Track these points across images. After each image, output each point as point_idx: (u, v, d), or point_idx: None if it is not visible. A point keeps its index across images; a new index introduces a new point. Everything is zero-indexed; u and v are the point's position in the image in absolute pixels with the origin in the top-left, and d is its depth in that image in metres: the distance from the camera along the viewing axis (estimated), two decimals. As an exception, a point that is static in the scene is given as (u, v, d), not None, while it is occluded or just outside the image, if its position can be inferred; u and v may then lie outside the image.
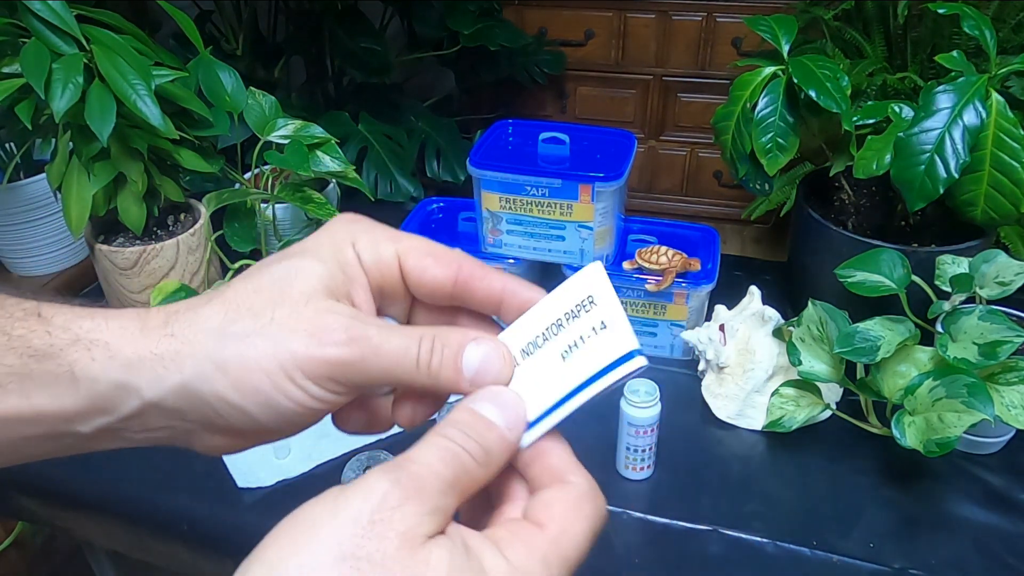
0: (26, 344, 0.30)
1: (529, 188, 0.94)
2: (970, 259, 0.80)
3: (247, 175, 1.08)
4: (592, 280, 0.32)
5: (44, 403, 0.30)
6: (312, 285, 0.31)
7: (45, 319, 0.31)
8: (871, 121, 0.87)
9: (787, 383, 0.81)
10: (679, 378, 0.93)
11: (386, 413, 0.35)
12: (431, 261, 0.33)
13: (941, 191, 0.78)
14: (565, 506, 0.28)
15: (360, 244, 0.33)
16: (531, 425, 0.31)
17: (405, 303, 0.35)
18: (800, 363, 0.78)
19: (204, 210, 1.00)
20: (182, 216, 1.03)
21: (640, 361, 0.30)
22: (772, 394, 0.81)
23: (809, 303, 0.79)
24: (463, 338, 0.31)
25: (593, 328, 0.31)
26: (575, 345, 0.31)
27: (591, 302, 0.32)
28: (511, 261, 1.00)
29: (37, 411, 0.30)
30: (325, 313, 0.30)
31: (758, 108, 0.88)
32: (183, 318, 0.31)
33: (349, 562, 0.24)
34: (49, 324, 0.31)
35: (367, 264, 0.33)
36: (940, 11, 0.84)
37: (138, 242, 0.97)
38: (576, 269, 1.10)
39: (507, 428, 0.29)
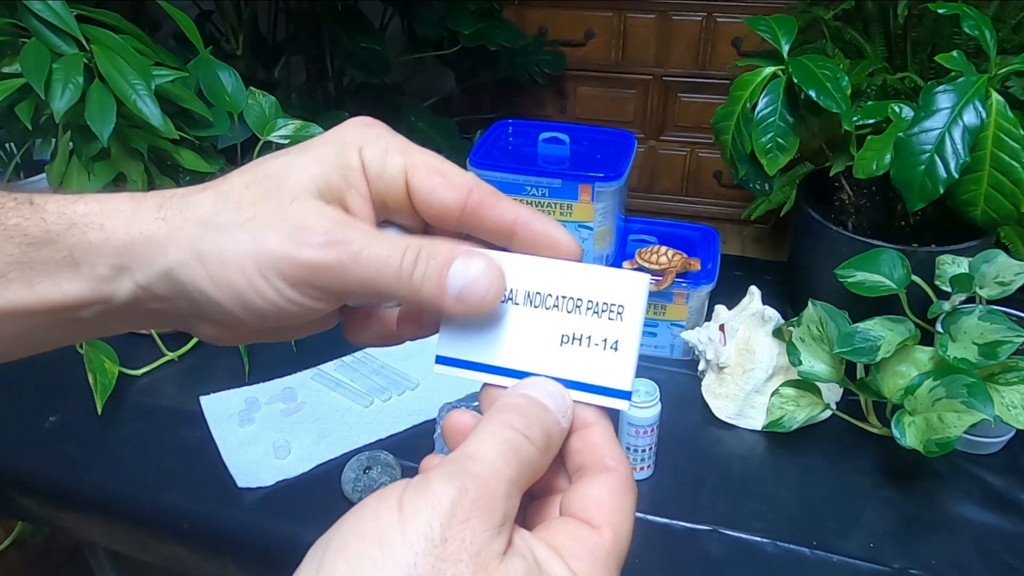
0: (23, 232, 0.29)
1: (529, 188, 0.94)
2: (970, 259, 0.80)
3: (247, 175, 1.08)
4: (633, 291, 0.30)
5: (47, 291, 0.29)
6: (302, 184, 0.30)
7: (38, 207, 0.30)
8: (871, 121, 0.87)
9: (787, 383, 0.81)
10: (679, 378, 0.93)
11: (394, 327, 0.34)
12: (440, 180, 0.31)
13: (941, 191, 0.78)
14: (614, 503, 0.28)
15: (368, 151, 0.31)
16: (500, 372, 0.30)
17: (414, 218, 0.32)
18: (800, 363, 0.78)
19: (204, 210, 1.00)
20: (182, 216, 1.03)
21: (624, 405, 0.30)
22: (772, 394, 0.81)
23: (809, 303, 0.79)
24: (452, 252, 0.29)
25: (605, 340, 0.30)
26: (579, 340, 0.30)
27: (619, 313, 0.30)
28: (511, 261, 1.00)
29: (41, 300, 0.30)
30: (309, 213, 0.29)
31: (758, 108, 0.88)
32: (175, 203, 0.30)
33: None
34: (43, 211, 0.30)
35: (371, 173, 0.31)
36: (940, 11, 0.84)
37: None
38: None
39: (561, 415, 0.29)
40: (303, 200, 0.29)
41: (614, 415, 0.78)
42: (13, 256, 0.29)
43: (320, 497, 0.78)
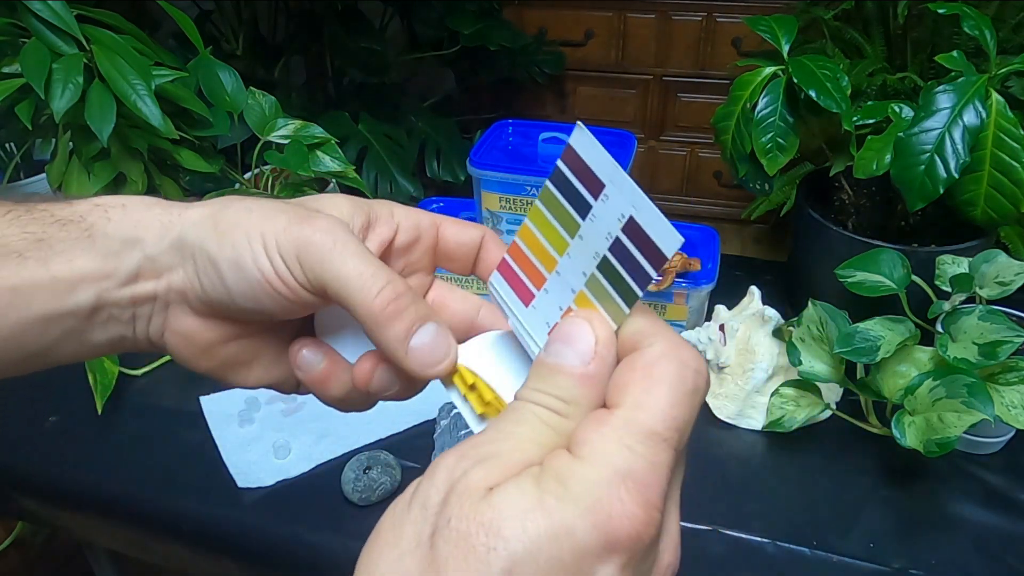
0: (50, 214, 0.32)
1: (529, 188, 0.94)
2: (970, 259, 0.80)
3: (247, 175, 1.08)
4: (586, 152, 0.27)
5: (59, 268, 0.31)
6: (330, 207, 0.33)
7: (70, 198, 0.33)
8: (871, 121, 0.87)
9: (787, 383, 0.81)
10: (679, 378, 0.93)
11: (365, 378, 0.34)
12: (464, 226, 0.36)
13: (941, 191, 0.78)
14: (636, 375, 0.25)
15: (400, 210, 0.35)
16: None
17: (427, 278, 0.37)
18: (800, 363, 0.78)
19: (204, 210, 1.00)
20: (182, 216, 1.03)
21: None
22: (772, 394, 0.81)
23: (809, 303, 0.79)
24: (431, 315, 0.31)
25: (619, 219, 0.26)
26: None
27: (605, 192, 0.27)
28: (511, 261, 1.00)
29: (52, 277, 0.31)
30: (324, 215, 0.32)
31: (758, 108, 0.88)
32: (207, 199, 0.34)
33: (424, 544, 0.23)
34: (72, 201, 0.33)
35: (406, 224, 0.35)
36: (940, 11, 0.84)
37: (138, 242, 0.97)
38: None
39: (583, 362, 0.26)
40: (341, 215, 0.33)
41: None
42: (35, 234, 0.31)
43: (320, 497, 0.78)
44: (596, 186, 0.27)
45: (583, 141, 0.27)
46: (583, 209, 0.27)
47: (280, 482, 0.80)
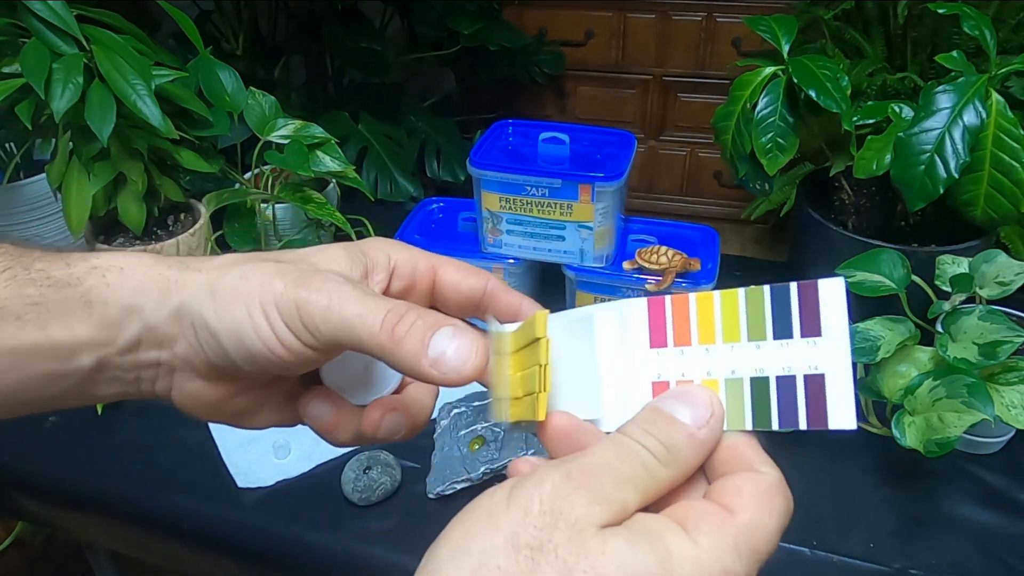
0: (46, 276, 0.32)
1: (529, 188, 0.93)
2: (970, 259, 0.80)
3: (247, 175, 1.08)
4: (829, 301, 0.28)
5: (58, 333, 0.31)
6: (336, 258, 0.33)
7: (65, 255, 0.33)
8: (871, 121, 0.87)
9: (787, 383, 0.81)
10: (679, 378, 0.93)
11: (375, 421, 0.35)
12: (466, 273, 0.35)
13: (941, 191, 0.78)
14: (757, 495, 0.27)
15: (397, 254, 0.35)
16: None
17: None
18: (800, 363, 0.78)
19: (204, 210, 1.00)
20: (182, 216, 1.03)
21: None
22: (772, 394, 0.80)
23: (809, 303, 0.78)
24: (441, 320, 0.31)
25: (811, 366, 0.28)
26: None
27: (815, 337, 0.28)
28: (511, 261, 1.00)
29: (52, 342, 0.31)
30: (315, 270, 0.32)
31: (758, 108, 0.88)
32: (200, 258, 0.33)
33: (524, 551, 0.24)
34: (69, 258, 0.32)
35: (403, 271, 0.35)
36: (940, 11, 0.84)
37: (138, 242, 0.97)
38: (576, 269, 1.08)
39: (696, 426, 0.27)
40: (338, 268, 0.33)
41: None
42: (32, 298, 0.31)
43: (320, 497, 0.78)
44: (813, 327, 0.28)
45: (834, 292, 0.28)
46: (783, 333, 0.28)
47: (280, 482, 0.80)
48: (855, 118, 0.86)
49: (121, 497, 0.81)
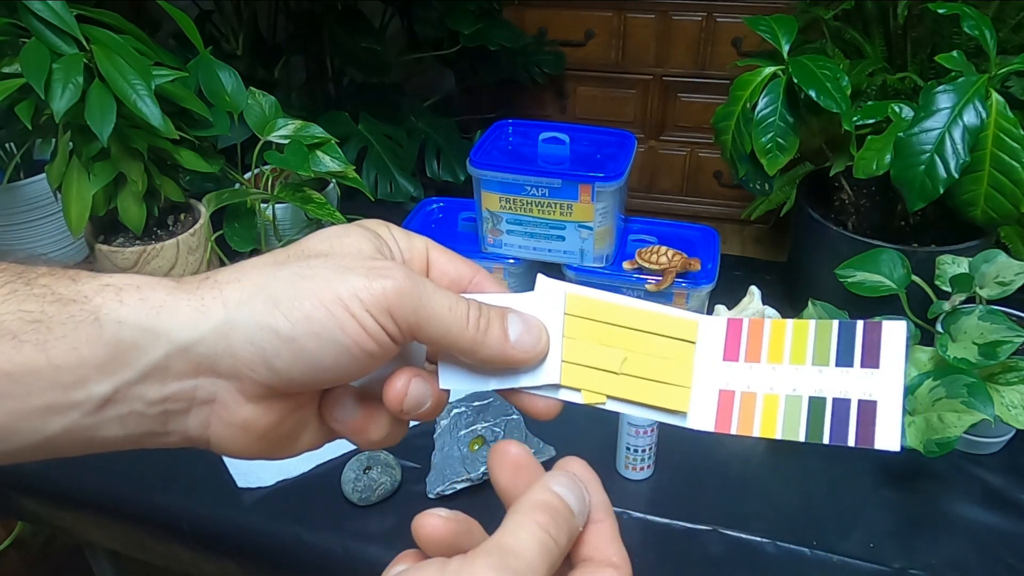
0: (50, 291, 0.27)
1: (529, 188, 0.94)
2: (970, 259, 0.80)
3: (247, 175, 1.08)
4: (891, 339, 0.31)
5: (61, 355, 0.27)
6: (360, 244, 0.32)
7: (73, 272, 0.29)
8: (871, 121, 0.87)
9: (787, 383, 0.81)
10: (679, 378, 0.93)
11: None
12: (451, 257, 0.35)
13: (941, 191, 0.78)
14: None
15: (393, 231, 0.34)
16: None
17: None
18: (800, 363, 0.78)
19: (204, 210, 1.00)
20: (182, 216, 1.03)
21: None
22: (772, 394, 0.81)
23: (809, 303, 0.79)
24: (502, 308, 0.32)
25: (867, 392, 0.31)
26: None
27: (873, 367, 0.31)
28: (511, 261, 1.00)
29: (53, 365, 0.27)
30: (379, 260, 0.31)
31: (758, 108, 0.88)
32: (225, 270, 0.30)
33: None
34: (77, 275, 0.28)
35: (401, 245, 0.34)
36: (940, 11, 0.84)
37: (138, 242, 0.97)
38: (576, 269, 1.08)
39: (581, 520, 0.30)
40: (367, 255, 0.32)
41: (615, 415, 0.78)
42: (33, 314, 0.27)
43: (320, 497, 0.78)
44: (872, 360, 0.31)
45: (896, 332, 0.31)
46: (844, 360, 0.31)
47: (280, 482, 0.80)
48: (855, 118, 0.86)
49: (121, 497, 0.81)
